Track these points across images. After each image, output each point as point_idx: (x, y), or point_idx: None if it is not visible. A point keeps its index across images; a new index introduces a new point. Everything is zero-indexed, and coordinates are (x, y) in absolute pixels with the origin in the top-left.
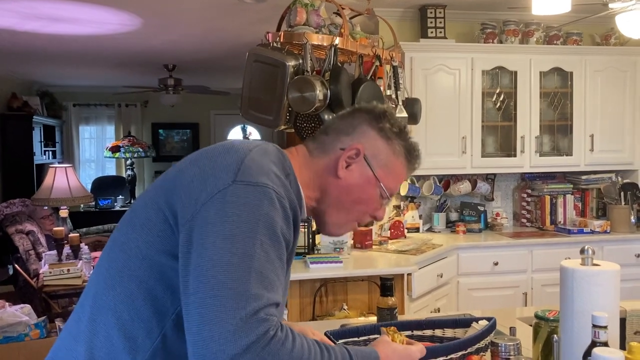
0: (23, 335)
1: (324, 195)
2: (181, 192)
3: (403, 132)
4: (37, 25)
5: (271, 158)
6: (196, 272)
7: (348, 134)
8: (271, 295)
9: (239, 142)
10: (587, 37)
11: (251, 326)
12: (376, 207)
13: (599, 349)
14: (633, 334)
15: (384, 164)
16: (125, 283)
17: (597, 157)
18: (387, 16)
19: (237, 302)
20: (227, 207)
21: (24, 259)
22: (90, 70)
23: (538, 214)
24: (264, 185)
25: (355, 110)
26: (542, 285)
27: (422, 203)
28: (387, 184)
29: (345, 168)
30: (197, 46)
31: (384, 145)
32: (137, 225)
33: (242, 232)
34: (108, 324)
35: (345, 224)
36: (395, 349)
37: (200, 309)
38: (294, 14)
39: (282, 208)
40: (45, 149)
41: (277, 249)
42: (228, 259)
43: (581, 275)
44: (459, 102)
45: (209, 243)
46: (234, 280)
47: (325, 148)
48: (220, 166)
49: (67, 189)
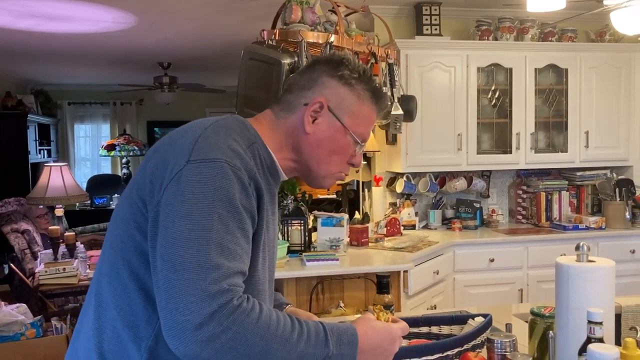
0: (19, 335)
1: (298, 153)
2: (147, 180)
3: (364, 75)
4: (32, 24)
5: (228, 132)
6: (161, 251)
7: (309, 88)
8: (232, 265)
9: (197, 122)
10: (582, 33)
11: (214, 296)
12: (352, 154)
13: (594, 345)
14: (628, 329)
15: (350, 111)
16: (120, 277)
17: (592, 153)
18: (383, 13)
19: (198, 273)
20: (183, 186)
21: (20, 258)
22: (85, 69)
23: (533, 211)
24: (215, 159)
25: (314, 62)
26: (537, 281)
27: (418, 200)
28: (356, 130)
29: (312, 123)
30: (192, 44)
31: (346, 92)
32: (119, 220)
33: (199, 208)
34: (112, 318)
35: (329, 176)
36: (375, 326)
37: (166, 284)
38: (289, 12)
39: (238, 179)
40: (40, 148)
41: (237, 219)
42: (187, 234)
43: (576, 272)
44: (455, 99)
45: (169, 223)
46: (192, 254)
47: (290, 107)
48: (176, 149)
49: (63, 187)
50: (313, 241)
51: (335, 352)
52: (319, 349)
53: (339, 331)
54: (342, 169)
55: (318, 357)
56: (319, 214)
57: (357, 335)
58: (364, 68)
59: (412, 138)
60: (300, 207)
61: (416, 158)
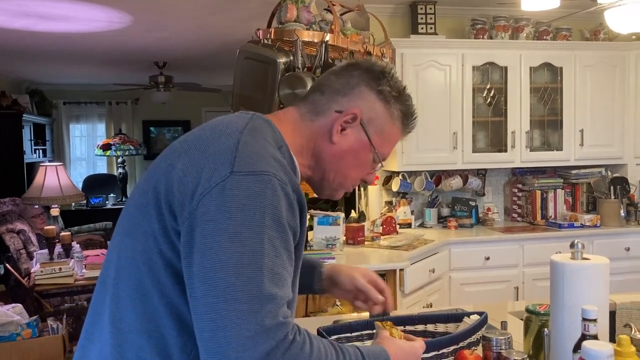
0: (15, 335)
1: (317, 161)
2: (175, 189)
3: (402, 95)
4: (26, 23)
5: (264, 135)
6: (202, 274)
7: (345, 94)
8: (284, 293)
9: (226, 124)
10: (577, 32)
11: (270, 331)
12: (368, 172)
13: (588, 342)
14: (623, 326)
15: (380, 129)
16: (149, 299)
17: (587, 151)
18: (378, 12)
19: (251, 304)
20: (228, 201)
21: (15, 259)
22: (80, 68)
23: (529, 209)
24: (264, 173)
25: (352, 66)
26: (533, 279)
27: (413, 199)
28: (381, 150)
29: (340, 132)
30: (187, 43)
31: (381, 109)
32: (140, 234)
33: (248, 229)
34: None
35: (341, 189)
36: (402, 347)
37: (212, 314)
38: (284, 11)
39: (285, 195)
40: (36, 148)
41: (284, 240)
42: (237, 259)
43: (571, 269)
44: (450, 98)
45: (214, 242)
46: (245, 282)
47: (319, 109)
48: (212, 155)
49: (58, 187)
50: (309, 240)
51: None
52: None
53: (375, 355)
54: (354, 183)
55: None
56: (315, 213)
57: (390, 357)
58: (403, 86)
59: (407, 137)
60: None
61: (412, 157)
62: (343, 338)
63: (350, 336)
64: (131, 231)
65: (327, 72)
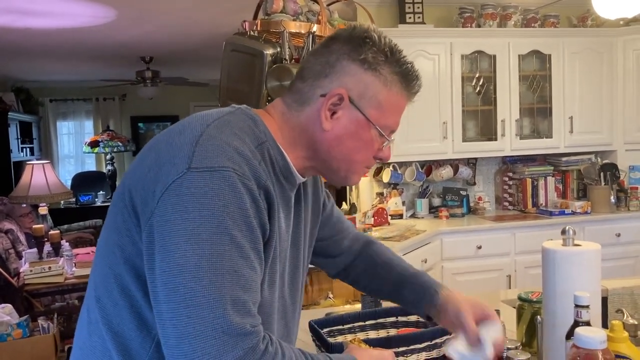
0: (5, 336)
1: (315, 151)
2: (139, 186)
3: (392, 56)
4: (8, 20)
5: (233, 130)
6: (163, 278)
7: (326, 75)
8: (249, 296)
9: (199, 116)
10: (564, 19)
11: (237, 338)
12: (379, 148)
13: (581, 329)
14: (615, 312)
15: (376, 102)
16: (111, 293)
17: (576, 138)
18: (365, 2)
19: (214, 310)
20: (185, 200)
21: (4, 258)
22: (65, 65)
23: (520, 197)
24: (223, 168)
25: (331, 40)
26: (525, 267)
27: (404, 189)
28: (384, 123)
29: (330, 118)
30: (173, 37)
31: (371, 79)
32: (110, 227)
33: (207, 229)
34: (103, 339)
35: (352, 174)
36: (371, 354)
37: (175, 320)
38: (270, 2)
39: (248, 191)
40: (23, 146)
41: (250, 239)
42: (196, 262)
43: (562, 256)
44: (439, 88)
45: (172, 245)
46: (205, 287)
47: (303, 97)
48: (174, 149)
49: (46, 185)
50: None
51: None
52: None
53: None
54: (367, 164)
55: None
56: None
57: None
58: (391, 46)
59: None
60: None
61: (402, 147)
62: (335, 330)
63: (342, 328)
64: (106, 226)
65: (308, 54)
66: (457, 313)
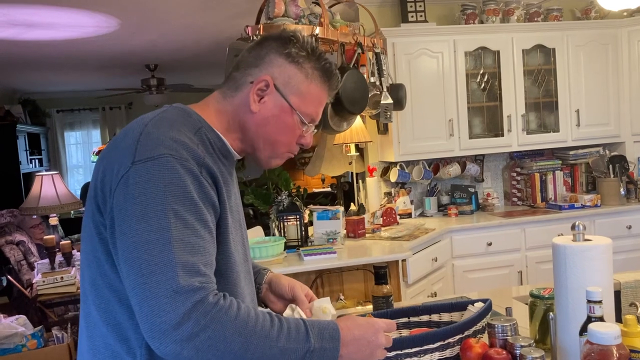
0: (20, 347)
1: (244, 132)
2: (99, 189)
3: (313, 53)
4: (13, 32)
5: (170, 123)
6: (124, 257)
7: (256, 65)
8: (198, 259)
9: (137, 121)
10: (568, 12)
11: (186, 293)
12: (300, 135)
13: (595, 324)
14: (628, 306)
15: (298, 91)
16: (101, 292)
17: (583, 131)
18: (367, 3)
19: (165, 274)
20: (132, 189)
21: (17, 270)
22: (71, 75)
23: (528, 192)
24: (161, 156)
25: (263, 39)
26: (536, 262)
27: (412, 188)
28: (304, 110)
29: (258, 102)
30: (177, 44)
31: (293, 70)
32: (87, 237)
33: (153, 209)
34: (104, 335)
35: (275, 156)
36: (356, 320)
37: (136, 289)
38: (272, 6)
39: (188, 170)
40: (31, 158)
41: (194, 212)
42: (146, 237)
43: (573, 252)
44: (444, 85)
45: (126, 227)
46: (156, 256)
47: (236, 85)
48: (121, 151)
49: (55, 196)
50: (310, 235)
51: (317, 346)
52: (300, 343)
53: (320, 326)
54: (290, 149)
55: (300, 351)
56: (314, 208)
57: (339, 329)
58: (313, 46)
59: (403, 126)
60: (295, 202)
61: (408, 146)
62: None
63: None
64: (82, 236)
65: (244, 51)
66: (293, 289)
